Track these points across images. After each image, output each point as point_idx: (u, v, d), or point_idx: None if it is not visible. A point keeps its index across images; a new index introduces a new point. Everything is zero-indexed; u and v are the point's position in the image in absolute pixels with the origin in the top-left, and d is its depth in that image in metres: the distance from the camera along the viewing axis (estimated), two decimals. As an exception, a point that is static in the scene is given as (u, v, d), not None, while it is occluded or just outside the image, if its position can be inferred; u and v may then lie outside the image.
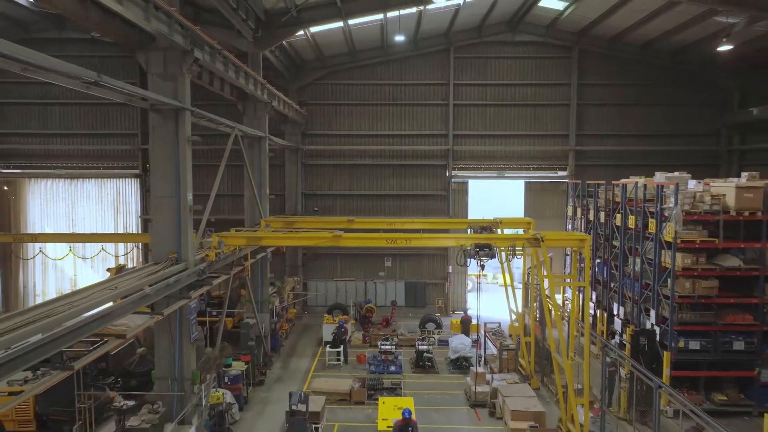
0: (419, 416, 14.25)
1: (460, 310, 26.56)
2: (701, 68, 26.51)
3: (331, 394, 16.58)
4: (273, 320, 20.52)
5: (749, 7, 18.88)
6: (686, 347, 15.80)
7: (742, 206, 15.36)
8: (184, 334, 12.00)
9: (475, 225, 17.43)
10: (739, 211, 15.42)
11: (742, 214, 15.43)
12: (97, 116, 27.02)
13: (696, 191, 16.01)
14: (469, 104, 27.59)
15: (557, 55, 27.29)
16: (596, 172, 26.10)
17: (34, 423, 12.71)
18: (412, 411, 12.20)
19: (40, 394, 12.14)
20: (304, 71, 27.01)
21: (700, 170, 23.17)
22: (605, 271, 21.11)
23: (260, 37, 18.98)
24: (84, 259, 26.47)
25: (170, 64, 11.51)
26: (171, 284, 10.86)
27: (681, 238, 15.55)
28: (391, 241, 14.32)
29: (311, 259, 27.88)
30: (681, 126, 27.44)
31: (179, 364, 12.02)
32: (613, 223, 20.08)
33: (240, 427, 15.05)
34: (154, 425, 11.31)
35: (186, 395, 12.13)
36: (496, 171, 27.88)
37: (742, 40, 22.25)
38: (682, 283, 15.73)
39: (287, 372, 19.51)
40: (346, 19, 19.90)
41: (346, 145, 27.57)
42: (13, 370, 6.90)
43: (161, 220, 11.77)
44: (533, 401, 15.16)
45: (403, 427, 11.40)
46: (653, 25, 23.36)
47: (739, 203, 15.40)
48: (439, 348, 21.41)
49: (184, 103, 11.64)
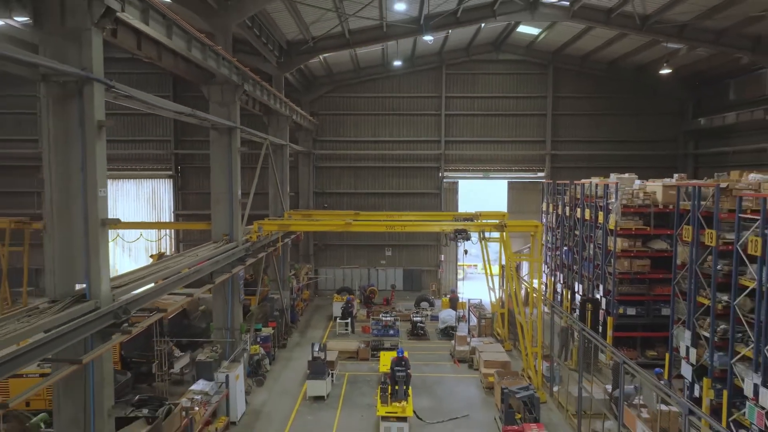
0: (413, 370, 18.24)
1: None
2: (661, 83, 30.52)
3: (342, 352, 20.66)
4: (292, 297, 24.63)
5: (685, 39, 22.90)
6: (625, 313, 19.82)
7: (668, 201, 19.35)
8: (235, 295, 16.10)
9: (459, 216, 21.51)
10: (665, 204, 19.42)
11: (668, 207, 19.44)
12: (135, 125, 31.10)
13: (634, 189, 20.04)
14: (458, 114, 31.68)
15: (535, 71, 31.36)
16: (570, 173, 30.06)
17: (119, 363, 16.72)
18: (404, 351, 16.29)
19: (126, 341, 16.20)
20: (315, 86, 31.10)
21: (661, 171, 27.23)
22: (569, 256, 25.15)
23: (283, 62, 23.10)
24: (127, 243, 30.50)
25: (226, 94, 15.58)
26: (229, 255, 14.95)
27: (620, 227, 19.58)
28: (390, 227, 18.42)
29: (321, 249, 31.98)
30: (644, 133, 31.48)
31: (231, 317, 16.11)
32: (575, 216, 24.13)
33: (271, 375, 19.12)
34: (215, 360, 15.41)
35: (236, 341, 16.23)
36: (482, 172, 31.96)
37: (689, 62, 26.32)
38: (622, 262, 19.75)
39: (304, 339, 23.59)
40: (353, 48, 24.00)
41: (351, 149, 31.66)
42: (147, 301, 10.89)
43: (219, 209, 15.82)
44: (502, 354, 19.21)
45: (398, 362, 15.44)
46: (614, 48, 27.41)
47: (665, 198, 19.41)
48: (431, 322, 25.51)
49: (236, 123, 15.72)
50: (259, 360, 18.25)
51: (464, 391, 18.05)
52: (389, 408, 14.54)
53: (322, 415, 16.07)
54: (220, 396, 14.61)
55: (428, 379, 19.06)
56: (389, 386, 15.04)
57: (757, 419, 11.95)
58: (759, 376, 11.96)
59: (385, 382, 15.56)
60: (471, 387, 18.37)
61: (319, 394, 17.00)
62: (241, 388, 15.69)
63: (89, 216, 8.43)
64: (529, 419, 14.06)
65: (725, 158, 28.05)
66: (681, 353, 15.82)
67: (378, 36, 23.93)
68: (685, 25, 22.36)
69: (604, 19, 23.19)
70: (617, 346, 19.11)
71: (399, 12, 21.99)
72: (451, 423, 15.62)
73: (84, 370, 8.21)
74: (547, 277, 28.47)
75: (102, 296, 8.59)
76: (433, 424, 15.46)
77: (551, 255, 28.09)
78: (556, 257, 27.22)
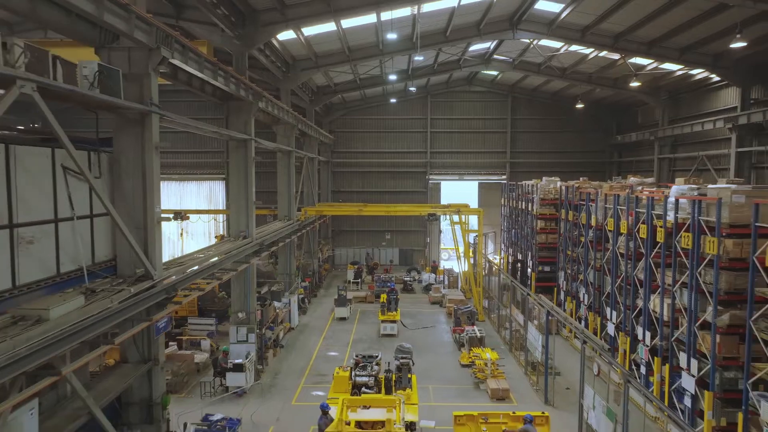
0: (402, 310, 28.29)
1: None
2: (593, 108, 40.59)
3: (355, 297, 30.87)
4: (319, 264, 34.89)
5: (593, 82, 33.06)
6: (543, 270, 29.94)
7: (569, 195, 29.44)
8: (293, 251, 26.26)
9: (437, 207, 31.68)
10: (564, 198, 29.51)
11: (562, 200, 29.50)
12: (196, 139, 41.26)
13: (549, 187, 30.10)
14: (440, 131, 41.84)
15: (498, 99, 41.53)
16: (525, 177, 39.89)
17: (197, 311, 26.45)
18: (395, 283, 26.55)
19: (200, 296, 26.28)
20: (332, 111, 41.31)
21: (594, 175, 37.01)
22: (517, 236, 35.26)
23: (314, 100, 33.34)
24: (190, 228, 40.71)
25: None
26: (289, 228, 25.10)
27: (539, 213, 29.68)
28: (387, 212, 28.60)
29: (337, 234, 42.21)
30: (581, 145, 41.55)
31: (290, 265, 26.30)
32: (519, 207, 34.23)
33: (310, 309, 29.33)
34: (281, 290, 25.61)
35: (292, 281, 26.42)
36: (458, 175, 42.15)
37: (606, 95, 36.49)
38: (541, 236, 29.85)
39: (328, 293, 33.78)
40: (362, 89, 34.23)
41: (359, 159, 41.85)
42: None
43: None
44: (461, 297, 29.39)
45: (390, 291, 25.69)
46: (551, 85, 37.55)
47: (562, 194, 29.50)
48: (417, 284, 35.74)
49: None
50: (303, 298, 28.51)
51: (434, 316, 28.34)
52: (385, 316, 24.81)
53: (345, 326, 26.32)
54: (286, 310, 24.82)
55: (412, 311, 29.29)
56: (385, 307, 25.31)
57: (644, 354, 21.54)
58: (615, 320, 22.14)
59: (383, 305, 25.79)
60: (439, 315, 28.65)
61: (342, 316, 27.28)
62: (295, 308, 25.93)
63: (249, 200, 18.58)
64: (468, 323, 24.24)
65: (633, 166, 38.19)
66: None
67: (379, 82, 34.19)
68: (591, 74, 32.50)
69: (536, 70, 33.38)
70: (538, 292, 29.21)
71: (395, 69, 32.17)
72: (423, 330, 25.86)
73: (242, 272, 18.41)
74: (503, 252, 38.66)
75: (253, 236, 18.75)
76: (413, 330, 25.67)
77: (507, 235, 38.23)
78: (510, 237, 37.37)
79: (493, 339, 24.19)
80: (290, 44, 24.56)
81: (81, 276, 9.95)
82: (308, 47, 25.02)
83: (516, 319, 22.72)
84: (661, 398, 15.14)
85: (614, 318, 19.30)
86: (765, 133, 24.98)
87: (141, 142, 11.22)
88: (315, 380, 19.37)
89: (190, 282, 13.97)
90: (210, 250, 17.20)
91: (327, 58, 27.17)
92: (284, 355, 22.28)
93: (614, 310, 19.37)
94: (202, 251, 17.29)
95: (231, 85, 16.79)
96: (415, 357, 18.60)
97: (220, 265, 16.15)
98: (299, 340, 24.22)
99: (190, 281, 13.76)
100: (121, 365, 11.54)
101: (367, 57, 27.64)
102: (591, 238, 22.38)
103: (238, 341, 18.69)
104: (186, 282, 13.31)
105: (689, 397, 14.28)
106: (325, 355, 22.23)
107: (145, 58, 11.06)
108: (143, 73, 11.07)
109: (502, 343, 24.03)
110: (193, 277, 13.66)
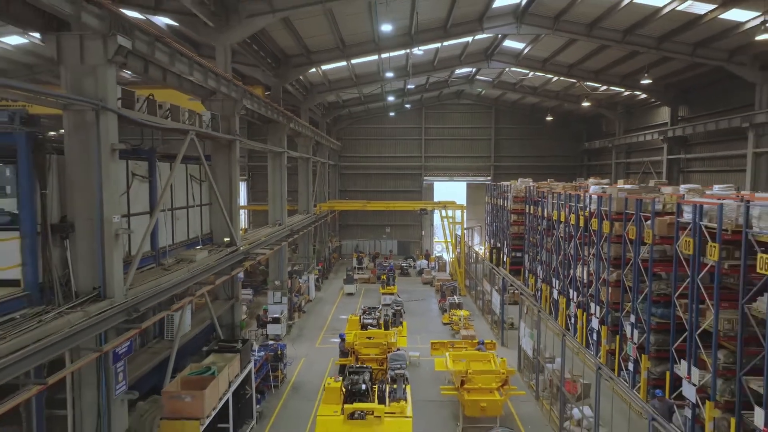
0: (399, 288, 34.48)
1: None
2: (566, 118, 46.81)
3: (360, 278, 37.21)
4: (329, 252, 41.26)
5: (560, 98, 39.36)
6: (515, 256, 36.18)
7: (532, 193, 35.72)
8: (310, 240, 32.56)
9: (429, 204, 37.99)
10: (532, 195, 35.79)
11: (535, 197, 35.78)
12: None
13: (521, 187, 36.34)
14: (433, 138, 48.18)
15: (483, 111, 47.87)
16: (507, 178, 46.07)
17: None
18: (393, 265, 32.89)
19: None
20: (339, 121, 47.63)
21: (566, 177, 43.25)
22: (497, 229, 41.51)
23: (325, 114, 39.69)
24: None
25: (226, 108, 32.02)
26: (308, 220, 31.38)
27: (512, 208, 35.93)
28: (387, 206, 34.92)
29: (343, 227, 48.56)
30: (557, 150, 47.83)
31: (308, 251, 32.62)
32: (498, 204, 40.46)
33: (322, 288, 35.67)
34: (301, 269, 31.97)
35: (310, 263, 32.78)
36: (449, 177, 48.48)
37: (574, 108, 42.79)
38: (514, 227, 36.09)
39: (337, 276, 40.08)
40: (366, 105, 40.59)
41: (363, 162, 48.18)
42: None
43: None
44: (448, 278, 35.70)
45: (389, 272, 31.99)
46: (528, 99, 43.84)
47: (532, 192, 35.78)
48: (413, 270, 42.09)
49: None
50: (318, 278, 34.87)
51: (425, 292, 34.74)
52: (385, 290, 31.18)
53: (353, 300, 32.69)
54: (306, 285, 31.15)
55: (408, 289, 35.62)
56: (385, 283, 31.68)
57: (573, 308, 28.11)
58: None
59: (383, 282, 32.14)
60: (429, 291, 35.06)
61: (350, 291, 33.66)
62: (312, 284, 32.29)
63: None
64: (450, 295, 30.54)
65: (598, 169, 44.49)
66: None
67: (380, 98, 40.56)
68: (558, 92, 38.79)
69: (512, 88, 39.74)
70: (512, 273, 35.44)
71: (393, 89, 38.51)
72: (416, 302, 32.22)
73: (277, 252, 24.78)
74: (487, 242, 44.94)
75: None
76: (407, 302, 31.97)
77: (490, 228, 44.52)
78: (492, 229, 43.64)
79: (470, 307, 30.50)
80: (310, 75, 30.86)
81: (196, 241, 16.29)
82: (324, 76, 31.36)
83: (485, 289, 29.04)
84: (582, 338, 21.45)
85: (557, 285, 25.61)
86: (689, 144, 31.36)
87: (228, 158, 17.51)
88: (332, 333, 25.68)
89: (258, 249, 20.28)
90: (258, 233, 23.48)
91: (338, 83, 33.50)
92: (306, 317, 28.65)
93: (557, 279, 25.68)
94: (252, 233, 23.57)
95: (271, 112, 23.10)
96: (408, 319, 24.92)
97: (266, 243, 22.43)
98: (316, 308, 30.59)
99: (258, 248, 20.06)
100: (213, 302, 17.84)
101: (370, 82, 33.97)
102: (544, 226, 28.66)
103: (274, 302, 25.03)
104: (255, 248, 19.61)
105: (596, 333, 20.58)
106: (338, 318, 28.56)
107: (232, 106, 17.34)
108: (230, 114, 17.36)
109: (477, 309, 30.38)
110: (257, 246, 19.93)
